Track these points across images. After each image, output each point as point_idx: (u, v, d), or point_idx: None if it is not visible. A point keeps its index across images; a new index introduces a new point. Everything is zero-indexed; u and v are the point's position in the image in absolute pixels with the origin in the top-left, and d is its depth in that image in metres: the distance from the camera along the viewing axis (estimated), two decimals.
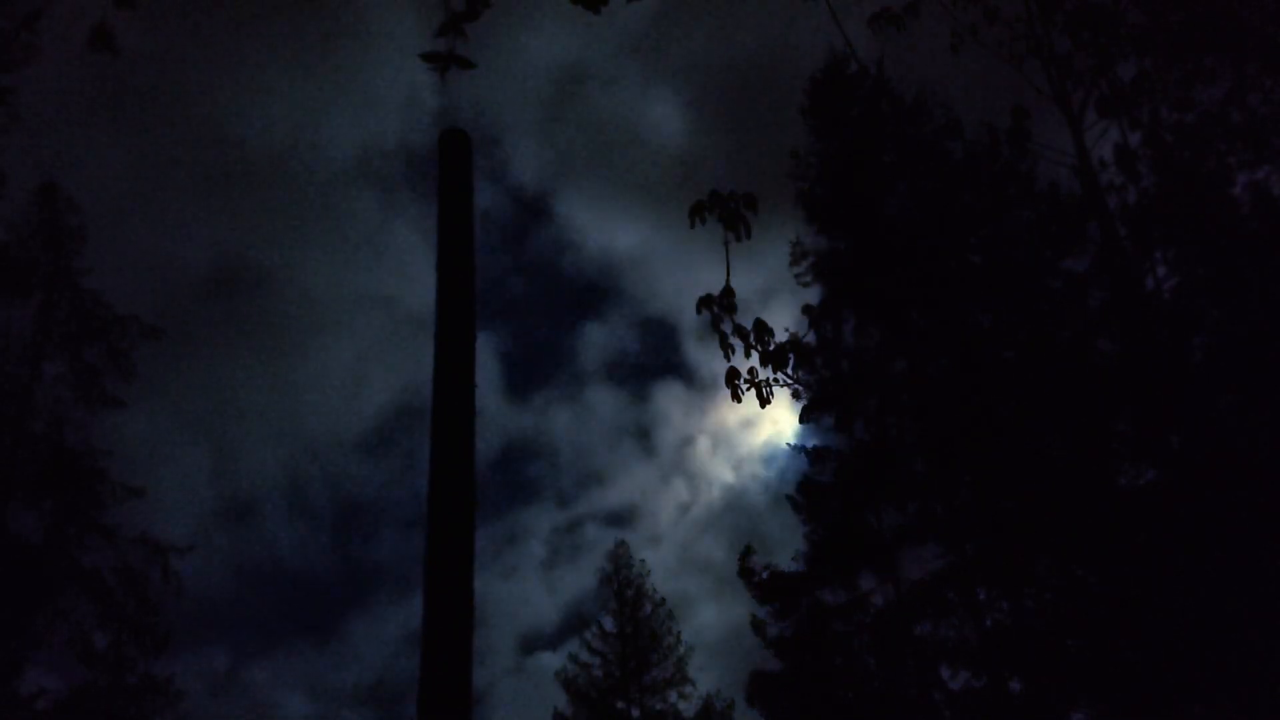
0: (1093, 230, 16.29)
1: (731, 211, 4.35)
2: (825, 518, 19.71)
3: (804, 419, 19.97)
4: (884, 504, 19.11)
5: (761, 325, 4.85)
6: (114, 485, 21.25)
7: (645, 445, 63.74)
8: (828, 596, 19.28)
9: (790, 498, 20.24)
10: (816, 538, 19.65)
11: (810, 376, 19.67)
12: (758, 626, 19.62)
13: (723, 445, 60.64)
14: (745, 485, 54.94)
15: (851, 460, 19.45)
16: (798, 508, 20.06)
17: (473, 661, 3.21)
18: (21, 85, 17.98)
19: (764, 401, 5.07)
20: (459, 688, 3.15)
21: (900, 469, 18.81)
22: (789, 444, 21.41)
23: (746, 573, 19.81)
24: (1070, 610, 15.21)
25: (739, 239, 4.37)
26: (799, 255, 21.20)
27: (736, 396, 5.02)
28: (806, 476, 20.20)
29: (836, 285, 20.47)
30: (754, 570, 19.81)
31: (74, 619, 20.45)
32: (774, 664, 19.39)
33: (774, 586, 19.58)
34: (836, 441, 20.04)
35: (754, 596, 19.73)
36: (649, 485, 61.01)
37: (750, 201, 4.35)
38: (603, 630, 29.97)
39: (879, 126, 21.07)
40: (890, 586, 18.72)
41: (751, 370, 5.00)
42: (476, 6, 3.61)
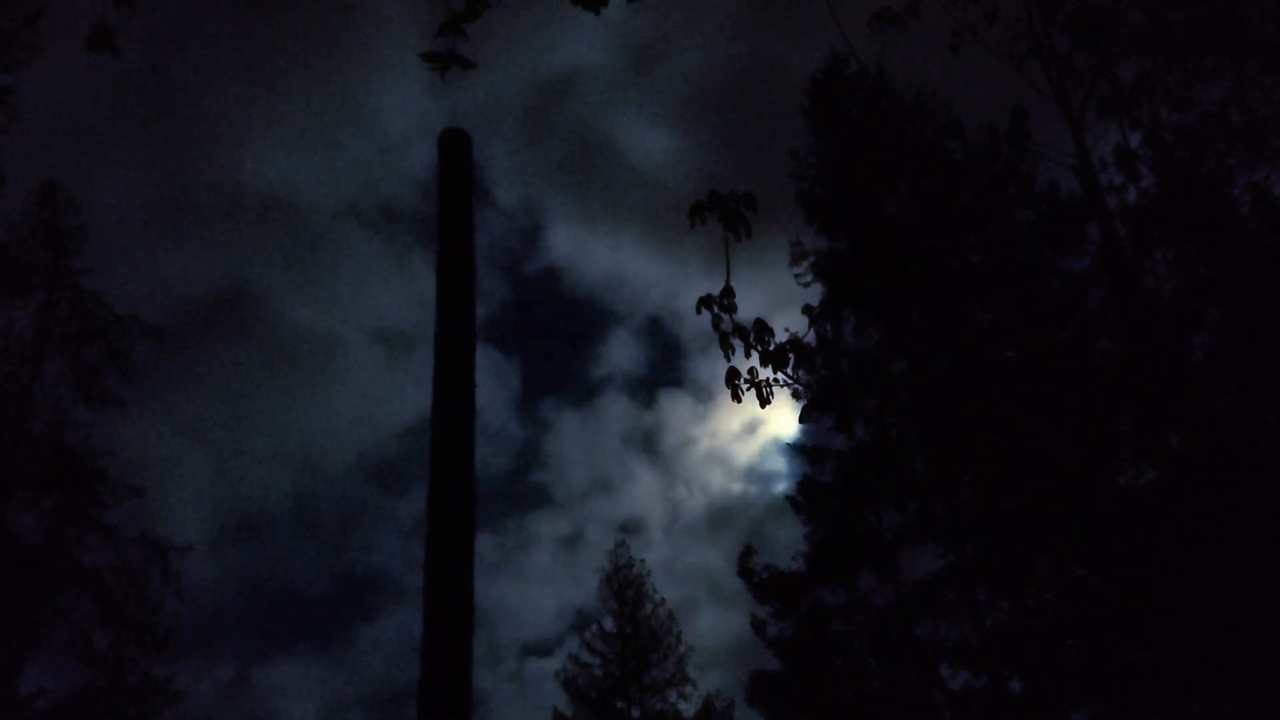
0: (1093, 230, 16.27)
1: (731, 211, 4.35)
2: (825, 518, 19.72)
3: (804, 419, 20.00)
4: (884, 504, 19.11)
5: (761, 325, 4.85)
6: (114, 485, 21.26)
7: (646, 448, 63.77)
8: (828, 596, 19.29)
9: (790, 498, 20.26)
10: (816, 538, 19.66)
11: (810, 376, 19.67)
12: (758, 626, 19.63)
13: (723, 446, 60.68)
14: (746, 486, 54.95)
15: (851, 460, 19.45)
16: (798, 508, 20.06)
17: (472, 663, 3.21)
18: (23, 85, 17.99)
19: (764, 401, 5.07)
20: (459, 690, 3.15)
21: (900, 469, 18.81)
22: (789, 444, 21.42)
23: (747, 573, 19.82)
24: (1070, 610, 15.20)
25: (739, 239, 4.37)
26: (799, 255, 21.21)
27: (736, 396, 5.02)
28: (806, 476, 20.21)
29: (836, 285, 20.47)
30: (754, 570, 19.83)
31: (74, 619, 20.46)
32: (774, 664, 19.41)
33: (774, 586, 19.59)
34: (836, 441, 20.06)
35: (754, 596, 19.75)
36: (650, 487, 61.04)
37: (750, 201, 4.35)
38: (603, 630, 29.94)
39: (879, 126, 21.07)
40: (890, 586, 18.72)
41: (751, 370, 5.00)
42: (476, 6, 3.61)
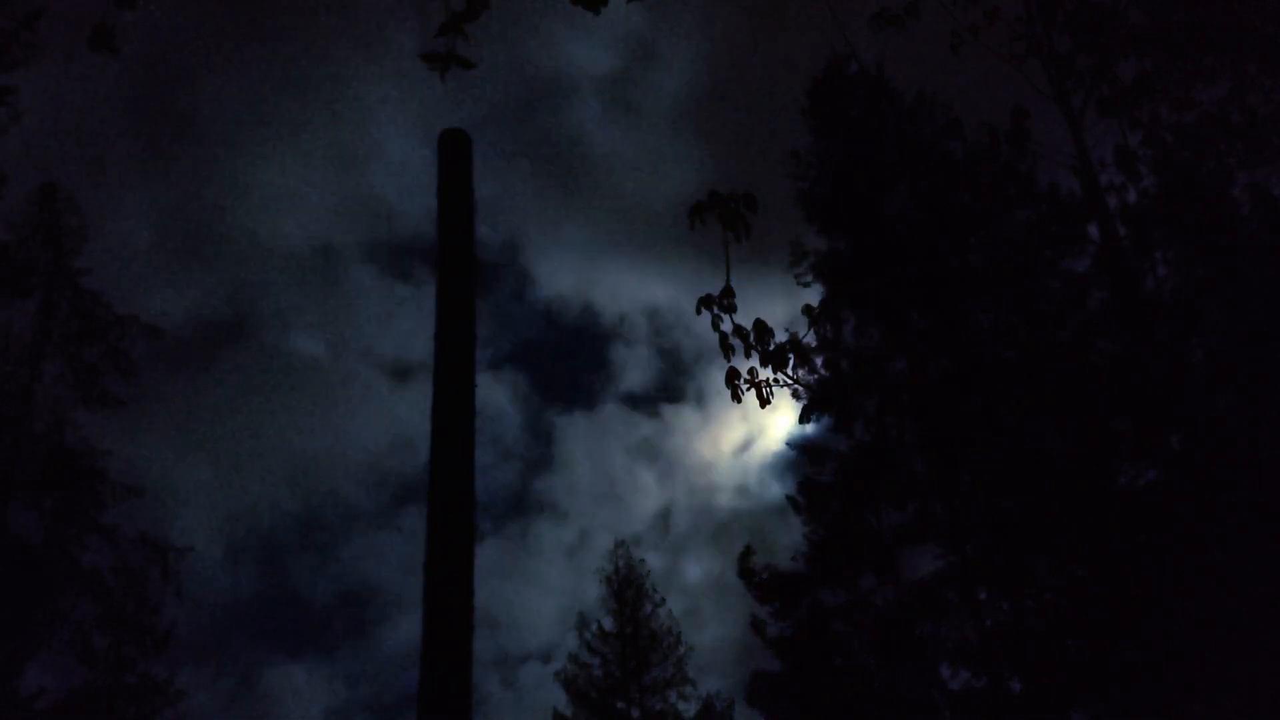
0: (1093, 230, 16.30)
1: (731, 212, 4.35)
2: (825, 518, 19.69)
3: (804, 419, 19.98)
4: (884, 504, 19.09)
5: (761, 325, 4.85)
6: (114, 485, 21.25)
7: (646, 450, 63.79)
8: (828, 596, 19.26)
9: (790, 498, 20.23)
10: (816, 538, 19.64)
11: (810, 376, 19.67)
12: (758, 626, 19.62)
13: (723, 447, 60.69)
14: (746, 486, 54.98)
15: (851, 460, 19.43)
16: (798, 508, 20.04)
17: (472, 666, 3.21)
18: (25, 89, 18.00)
19: (764, 401, 5.07)
20: (459, 693, 3.15)
21: (900, 469, 18.80)
22: (789, 444, 21.40)
23: (747, 573, 19.81)
24: (1070, 610, 15.20)
25: (739, 239, 4.37)
26: (799, 255, 21.19)
27: (736, 397, 5.02)
28: (806, 476, 20.18)
29: (836, 285, 20.46)
30: (754, 570, 19.82)
31: (74, 619, 20.44)
32: (774, 664, 19.40)
33: (774, 587, 19.58)
34: (836, 441, 20.05)
35: (754, 597, 19.74)
36: (650, 488, 61.05)
37: (750, 202, 4.35)
38: (602, 630, 29.92)
39: (879, 126, 21.07)
40: (890, 586, 18.70)
41: (751, 370, 5.00)
42: (476, 7, 3.62)
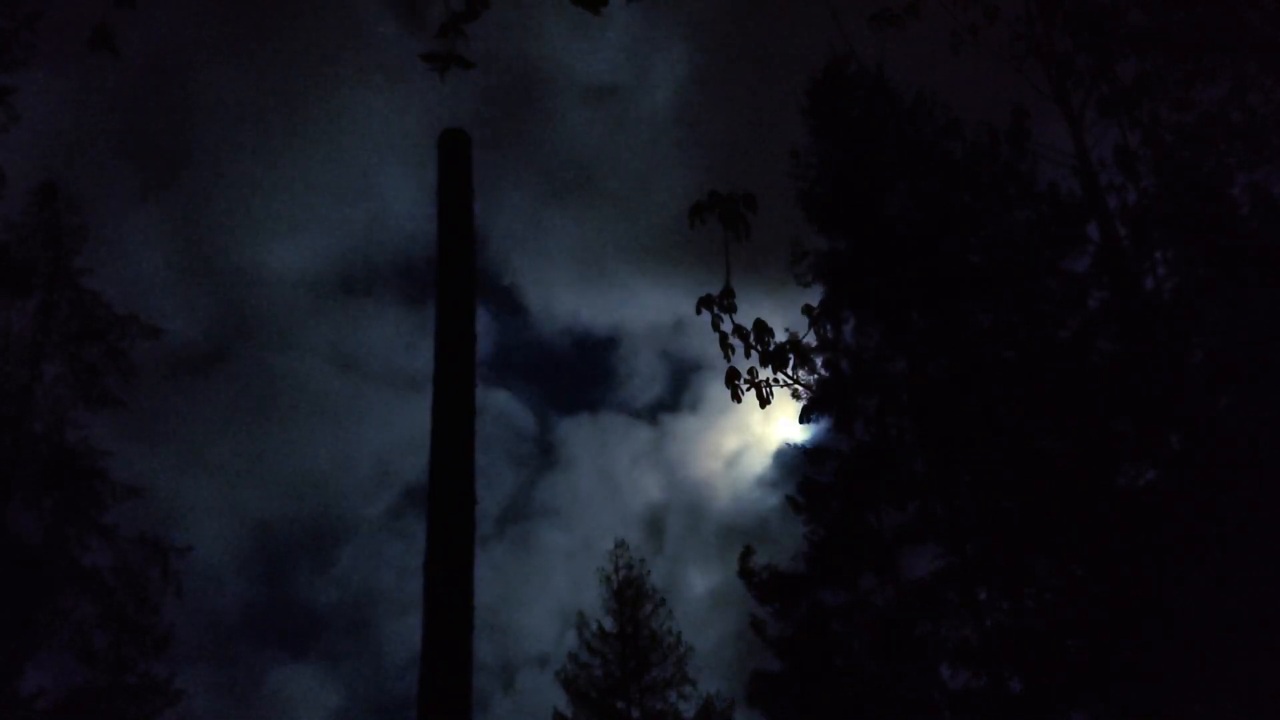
0: (1093, 230, 16.29)
1: (731, 211, 4.34)
2: (825, 518, 19.69)
3: (804, 419, 19.97)
4: (884, 504, 19.09)
5: (761, 325, 4.84)
6: (114, 485, 21.26)
7: (646, 452, 63.81)
8: (828, 596, 19.26)
9: (790, 498, 20.23)
10: (816, 538, 19.64)
11: (810, 376, 19.67)
12: (758, 626, 19.62)
13: (723, 447, 60.69)
14: (746, 487, 54.96)
15: (851, 460, 19.43)
16: (798, 508, 20.04)
17: (472, 666, 3.21)
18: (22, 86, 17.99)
19: (764, 401, 5.07)
20: (459, 692, 3.15)
21: (900, 469, 18.80)
22: (788, 444, 21.40)
23: (747, 573, 19.81)
24: (1070, 610, 15.19)
25: (739, 239, 4.36)
26: (799, 255, 21.19)
27: (736, 397, 5.02)
28: (806, 476, 20.18)
29: (836, 285, 20.46)
30: (754, 570, 19.82)
31: (74, 619, 20.45)
32: (774, 664, 19.39)
33: (774, 587, 19.58)
34: (836, 441, 20.05)
35: (754, 596, 19.73)
36: (651, 492, 61.09)
37: (750, 202, 4.34)
38: (603, 630, 29.91)
39: (879, 126, 21.06)
40: (890, 586, 18.70)
41: (751, 370, 5.00)
42: (476, 7, 3.62)
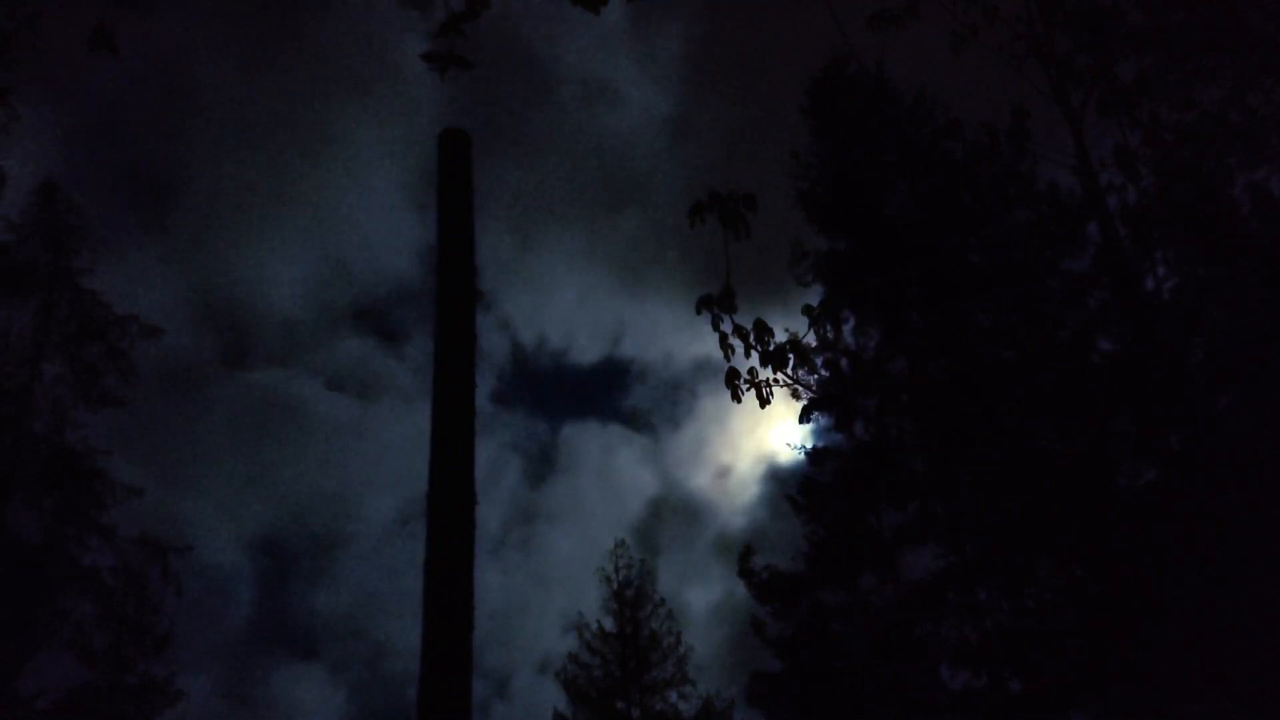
0: (1093, 230, 16.29)
1: (731, 211, 4.34)
2: (825, 518, 19.70)
3: (804, 419, 19.96)
4: (884, 504, 19.10)
5: (761, 325, 4.84)
6: (114, 485, 21.25)
7: (645, 453, 63.82)
8: (828, 596, 19.27)
9: (790, 498, 20.24)
10: (816, 538, 19.65)
11: (810, 376, 19.67)
12: (758, 626, 19.63)
13: (723, 448, 60.69)
14: (747, 486, 54.98)
15: (851, 460, 19.44)
16: (798, 508, 20.05)
17: (472, 664, 3.21)
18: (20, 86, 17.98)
19: (764, 402, 5.07)
20: (458, 692, 3.15)
21: (900, 469, 18.80)
22: (789, 444, 21.41)
23: (747, 573, 19.82)
24: (1070, 610, 15.20)
25: (739, 239, 4.36)
26: (799, 255, 21.19)
27: (736, 397, 5.01)
28: (806, 476, 20.19)
29: (836, 285, 20.46)
30: (754, 570, 19.82)
31: (74, 619, 20.45)
32: (774, 664, 19.40)
33: (774, 586, 19.58)
34: (836, 441, 20.06)
35: (754, 596, 19.74)
36: (651, 491, 61.10)
37: (750, 202, 4.34)
38: (603, 630, 29.90)
39: (879, 126, 21.06)
40: (890, 586, 18.71)
41: (751, 370, 5.00)
42: (476, 7, 3.62)
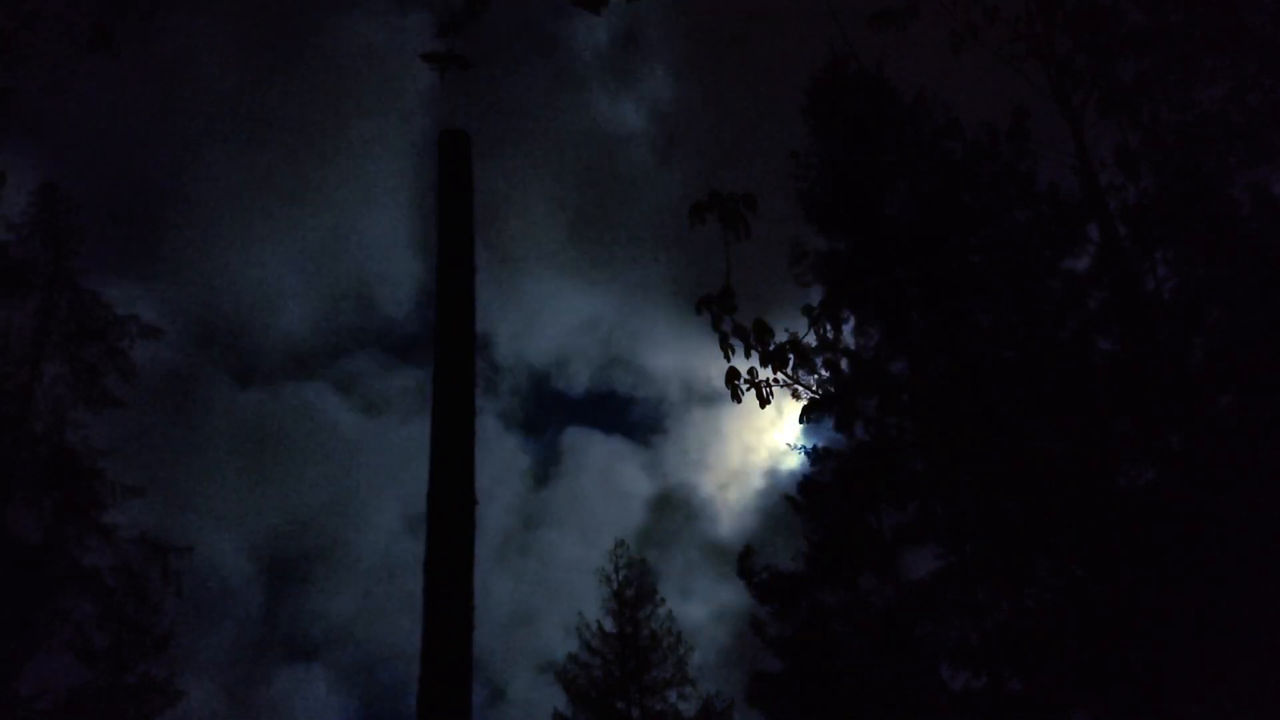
0: (1093, 230, 16.29)
1: (731, 211, 4.35)
2: (825, 518, 19.71)
3: (804, 419, 19.94)
4: (884, 504, 19.11)
5: (761, 325, 4.84)
6: (114, 485, 21.25)
7: (645, 453, 63.82)
8: (828, 597, 19.29)
9: (790, 498, 20.25)
10: (816, 538, 19.66)
11: (810, 376, 19.66)
12: (758, 626, 19.63)
13: (723, 448, 60.71)
14: (747, 487, 55.01)
15: (851, 460, 19.44)
16: (798, 508, 20.06)
17: (472, 663, 3.21)
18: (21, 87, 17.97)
19: (764, 402, 5.07)
20: (458, 692, 3.15)
21: (900, 469, 18.80)
22: (789, 444, 21.42)
23: (747, 573, 19.82)
24: (1070, 610, 15.19)
25: (739, 239, 4.36)
26: (799, 255, 21.18)
27: (736, 397, 5.02)
28: (806, 477, 20.21)
29: (836, 285, 20.46)
30: (754, 570, 19.83)
31: (74, 619, 20.45)
32: (774, 664, 19.41)
33: (774, 587, 19.59)
34: (836, 441, 20.06)
35: (754, 597, 19.75)
36: (651, 491, 61.12)
37: (750, 202, 4.35)
38: (603, 630, 29.90)
39: (879, 126, 21.06)
40: (890, 586, 18.72)
41: (751, 370, 5.00)
42: (475, 7, 3.62)
